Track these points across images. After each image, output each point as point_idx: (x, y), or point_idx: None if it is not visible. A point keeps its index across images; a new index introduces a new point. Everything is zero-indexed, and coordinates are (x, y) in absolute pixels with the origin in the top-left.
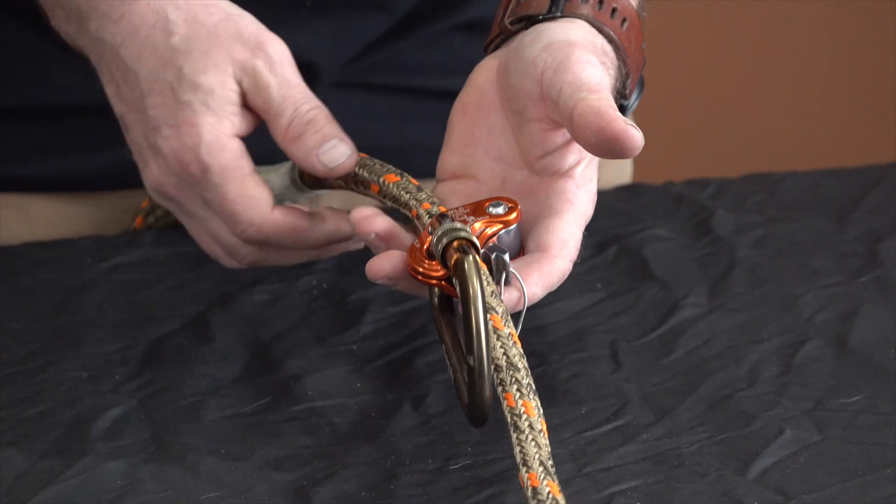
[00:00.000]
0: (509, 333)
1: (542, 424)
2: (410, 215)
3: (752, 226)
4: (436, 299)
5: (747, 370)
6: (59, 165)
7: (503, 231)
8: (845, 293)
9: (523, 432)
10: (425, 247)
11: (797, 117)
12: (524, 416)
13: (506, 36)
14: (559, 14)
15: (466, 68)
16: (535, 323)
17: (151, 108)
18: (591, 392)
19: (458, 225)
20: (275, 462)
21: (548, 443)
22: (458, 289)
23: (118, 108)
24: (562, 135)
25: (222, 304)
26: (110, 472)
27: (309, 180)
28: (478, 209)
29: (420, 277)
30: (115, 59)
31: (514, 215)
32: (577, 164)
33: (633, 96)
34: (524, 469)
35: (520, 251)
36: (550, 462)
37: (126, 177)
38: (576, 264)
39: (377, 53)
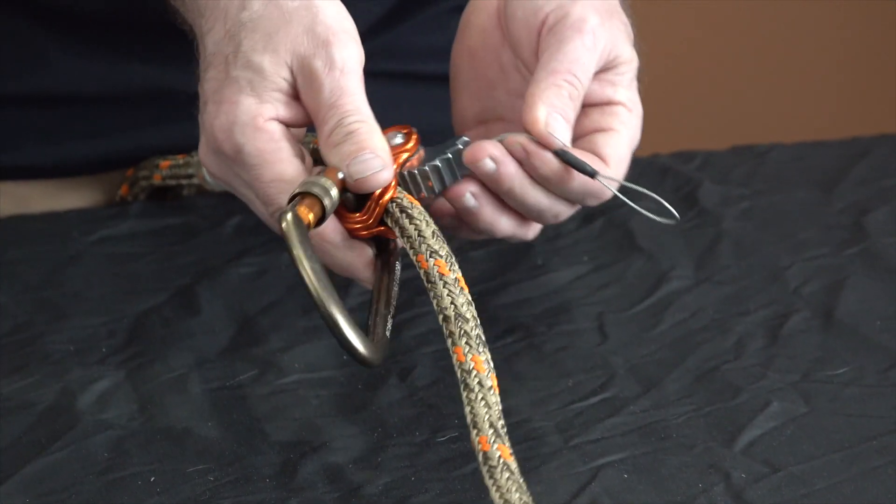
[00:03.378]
0: (455, 279)
1: (492, 380)
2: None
3: (739, 198)
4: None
5: (734, 342)
6: (55, 153)
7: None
8: (831, 265)
9: (473, 391)
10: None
11: (783, 90)
12: (474, 373)
13: None
14: None
15: None
16: (521, 295)
17: (206, 82)
18: (577, 364)
19: (307, 179)
20: (261, 434)
21: (499, 401)
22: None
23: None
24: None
25: (209, 277)
26: (97, 444)
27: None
28: None
29: (350, 230)
30: (199, 29)
31: (412, 142)
32: (618, 93)
33: None
34: (475, 431)
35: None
36: (501, 422)
37: (121, 163)
38: (562, 236)
39: (376, 39)
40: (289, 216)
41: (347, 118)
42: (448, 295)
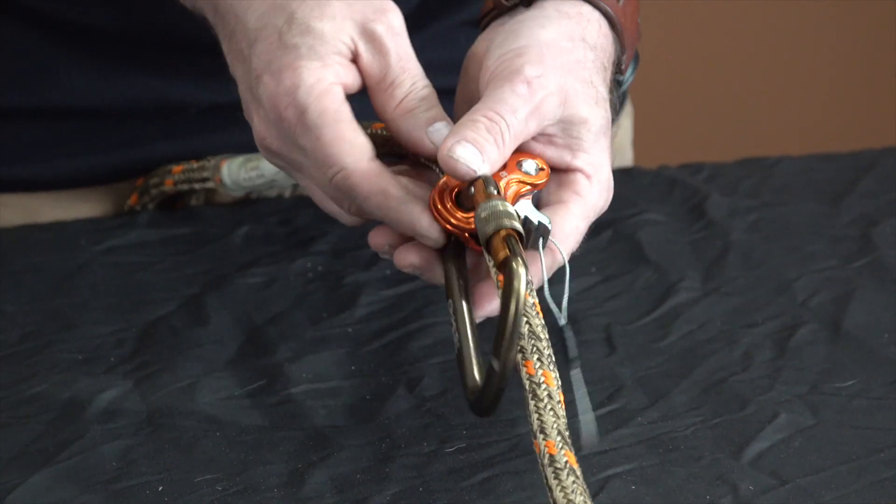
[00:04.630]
0: (533, 303)
1: (560, 397)
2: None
3: (746, 210)
4: (450, 246)
5: (741, 354)
6: (65, 166)
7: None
8: (839, 277)
9: (542, 401)
10: (452, 188)
11: (792, 102)
12: (543, 385)
13: (499, 11)
14: None
15: None
16: None
17: (255, 58)
18: (585, 375)
19: (503, 206)
20: (269, 444)
21: (565, 414)
22: (499, 282)
23: (230, 63)
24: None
25: (217, 287)
26: (105, 453)
27: None
28: (510, 163)
29: (437, 216)
30: (227, 10)
31: (544, 179)
32: (577, 158)
33: (629, 71)
34: (542, 437)
35: None
36: (567, 433)
37: (130, 175)
38: None
39: None
40: (520, 261)
41: (419, 82)
42: (524, 315)
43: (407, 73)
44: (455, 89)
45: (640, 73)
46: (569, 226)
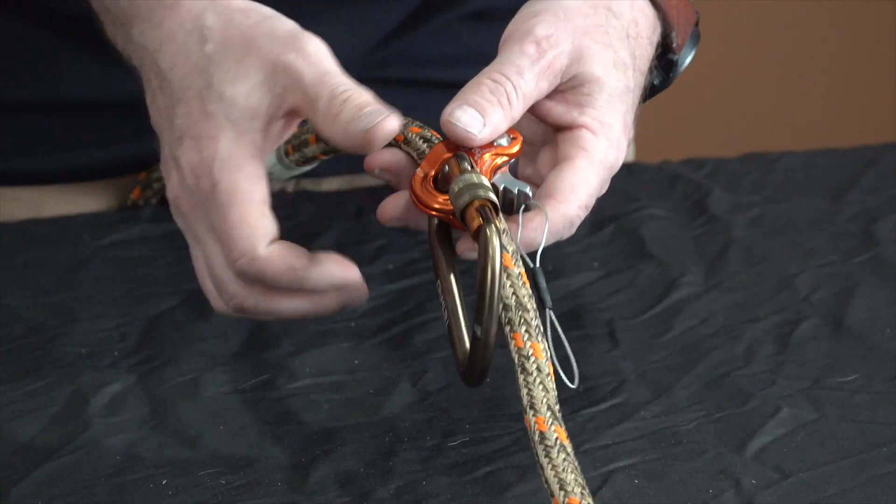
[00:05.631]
0: (519, 273)
1: (549, 368)
2: (404, 147)
3: (748, 205)
4: (434, 229)
5: (744, 349)
6: (69, 159)
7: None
8: (841, 272)
9: (531, 374)
10: (430, 174)
11: (794, 98)
12: (532, 358)
13: None
14: None
15: (473, 57)
16: None
17: (178, 118)
18: (588, 370)
19: (477, 178)
20: (273, 438)
21: (555, 388)
22: (476, 250)
23: (153, 116)
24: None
25: None
26: (109, 447)
27: (294, 157)
28: None
29: (419, 205)
30: (153, 65)
31: (517, 147)
32: (584, 114)
33: (685, 51)
34: (531, 412)
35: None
36: (558, 407)
37: (133, 169)
38: (572, 243)
39: (389, 47)
40: (493, 228)
41: (339, 88)
42: (511, 286)
43: (323, 85)
44: (456, 82)
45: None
46: (577, 178)
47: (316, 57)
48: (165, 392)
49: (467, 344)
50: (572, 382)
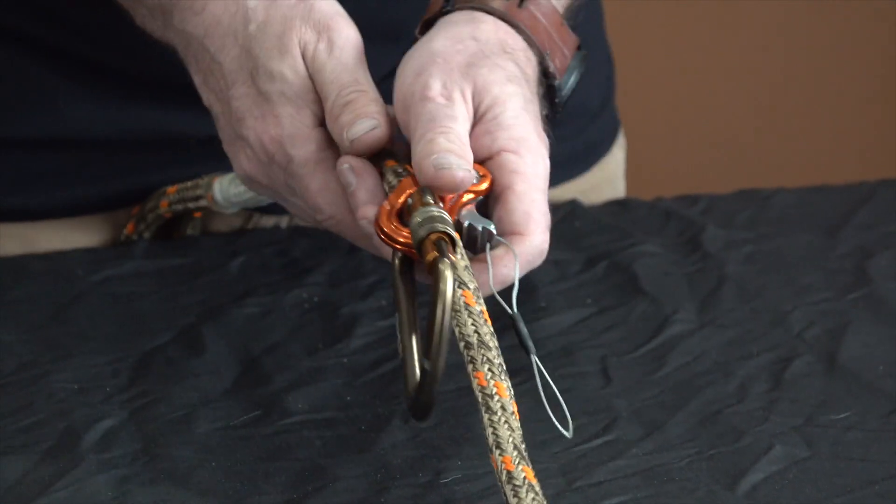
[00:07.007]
0: (480, 311)
1: (513, 406)
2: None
3: (742, 242)
4: (397, 262)
5: (737, 386)
6: (62, 196)
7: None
8: (834, 309)
9: (495, 413)
10: (396, 208)
11: (787, 135)
12: (496, 397)
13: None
14: (451, 9)
15: None
16: None
17: (235, 100)
18: (581, 407)
19: (437, 212)
20: (265, 475)
21: (520, 426)
22: (433, 286)
23: (206, 98)
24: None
25: (213, 317)
26: (101, 483)
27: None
28: None
29: (384, 238)
30: (200, 50)
31: (486, 184)
32: (497, 138)
33: (567, 77)
34: (497, 452)
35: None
36: (524, 446)
37: (128, 203)
38: (566, 279)
39: (387, 84)
40: (447, 262)
41: (345, 90)
42: (472, 324)
43: (334, 84)
44: None
45: (635, 104)
46: (525, 204)
47: (340, 50)
48: (158, 428)
49: (417, 378)
50: (566, 430)
